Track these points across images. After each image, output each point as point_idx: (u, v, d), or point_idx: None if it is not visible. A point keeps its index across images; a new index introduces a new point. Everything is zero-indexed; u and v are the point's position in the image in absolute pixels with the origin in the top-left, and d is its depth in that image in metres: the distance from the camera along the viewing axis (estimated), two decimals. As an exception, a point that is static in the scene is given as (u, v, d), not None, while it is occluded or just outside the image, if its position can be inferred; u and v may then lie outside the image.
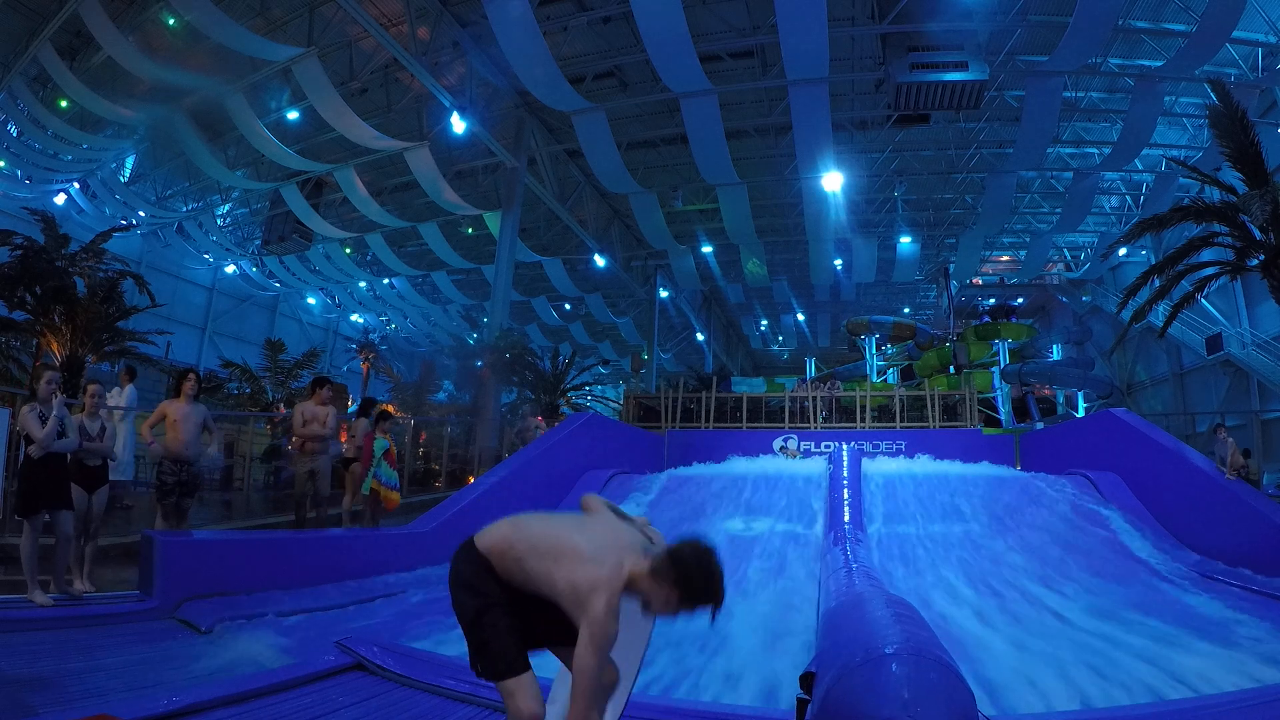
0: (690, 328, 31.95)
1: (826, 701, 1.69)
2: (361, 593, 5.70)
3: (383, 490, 7.79)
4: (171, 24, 14.07)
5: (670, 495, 9.46)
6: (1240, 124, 9.64)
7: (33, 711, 2.85)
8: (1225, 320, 18.78)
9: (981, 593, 6.00)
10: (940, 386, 17.49)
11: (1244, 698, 3.13)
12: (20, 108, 16.84)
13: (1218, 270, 10.54)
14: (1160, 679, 3.77)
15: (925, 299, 31.46)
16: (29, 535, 4.57)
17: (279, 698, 3.10)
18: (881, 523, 8.08)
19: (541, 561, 1.91)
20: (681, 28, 11.58)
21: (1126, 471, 9.04)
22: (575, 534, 1.97)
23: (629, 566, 1.86)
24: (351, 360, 30.82)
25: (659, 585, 1.83)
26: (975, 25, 13.15)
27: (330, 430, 7.42)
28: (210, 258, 26.13)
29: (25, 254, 10.97)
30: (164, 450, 5.82)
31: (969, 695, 1.61)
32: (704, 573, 1.82)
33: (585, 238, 21.14)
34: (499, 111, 16.62)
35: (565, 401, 24.72)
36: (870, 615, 2.18)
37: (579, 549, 1.90)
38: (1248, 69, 13.83)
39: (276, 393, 16.95)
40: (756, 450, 13.72)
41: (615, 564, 1.85)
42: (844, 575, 4.44)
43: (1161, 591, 5.96)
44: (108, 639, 4.05)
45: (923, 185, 20.48)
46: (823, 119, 14.11)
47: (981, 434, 14.55)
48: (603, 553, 1.89)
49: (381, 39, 12.84)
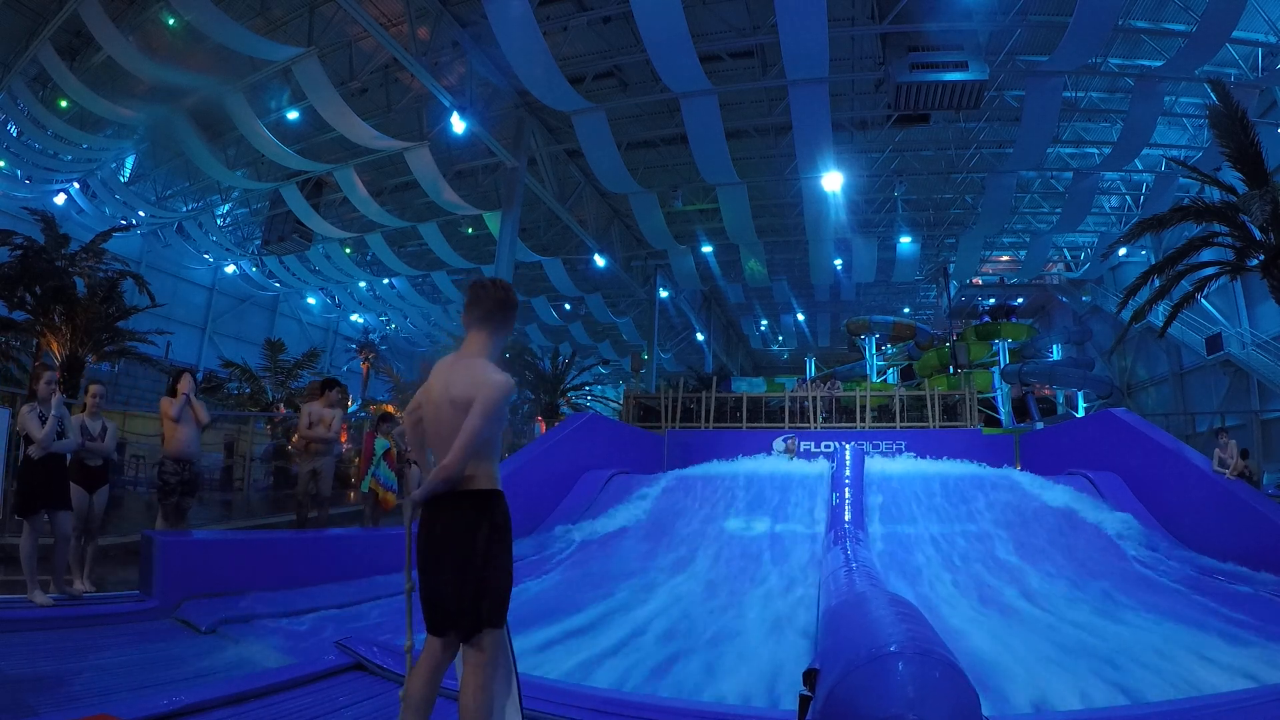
0: (690, 328, 31.94)
1: (831, 698, 1.69)
2: (361, 593, 5.69)
3: (380, 490, 7.80)
4: (171, 24, 14.05)
5: (673, 496, 9.44)
6: (1240, 124, 9.64)
7: (33, 711, 2.85)
8: (1225, 320, 18.79)
9: (977, 590, 6.00)
10: (940, 386, 17.50)
11: (1244, 698, 3.13)
12: (20, 108, 16.82)
13: (1218, 270, 10.55)
14: (1160, 679, 3.77)
15: (925, 299, 31.46)
16: (29, 535, 4.56)
17: (279, 698, 3.10)
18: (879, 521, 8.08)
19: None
20: (681, 28, 11.57)
21: (1126, 471, 9.04)
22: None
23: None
24: (351, 360, 30.87)
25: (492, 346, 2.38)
26: (975, 25, 13.14)
27: (334, 432, 7.42)
28: (210, 258, 26.11)
29: (25, 254, 10.99)
30: (165, 451, 5.81)
31: (973, 693, 1.61)
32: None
33: (585, 238, 21.14)
34: (499, 111, 16.61)
35: (565, 401, 24.76)
36: (874, 614, 2.17)
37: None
38: (1248, 69, 13.83)
39: (276, 393, 16.95)
40: (757, 450, 13.72)
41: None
42: (845, 574, 4.44)
43: (1160, 591, 5.96)
44: (108, 639, 4.05)
45: (923, 185, 20.47)
46: (823, 119, 14.11)
47: (981, 434, 14.56)
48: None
49: (381, 39, 12.83)
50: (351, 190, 18.30)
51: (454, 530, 2.14)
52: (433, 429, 2.29)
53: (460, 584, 2.11)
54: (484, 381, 2.20)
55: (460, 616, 2.12)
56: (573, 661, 4.01)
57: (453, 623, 2.13)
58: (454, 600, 2.12)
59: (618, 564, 7.19)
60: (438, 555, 2.15)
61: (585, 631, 4.68)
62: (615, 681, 3.73)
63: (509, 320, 2.39)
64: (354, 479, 11.66)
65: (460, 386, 2.21)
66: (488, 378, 2.21)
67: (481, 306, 2.35)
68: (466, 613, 2.11)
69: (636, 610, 5.28)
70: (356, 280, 27.54)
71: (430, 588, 2.16)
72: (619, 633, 4.69)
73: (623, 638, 4.58)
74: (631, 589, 6.12)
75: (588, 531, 8.31)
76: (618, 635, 4.63)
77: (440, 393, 2.27)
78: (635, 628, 4.87)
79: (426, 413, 2.35)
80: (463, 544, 2.13)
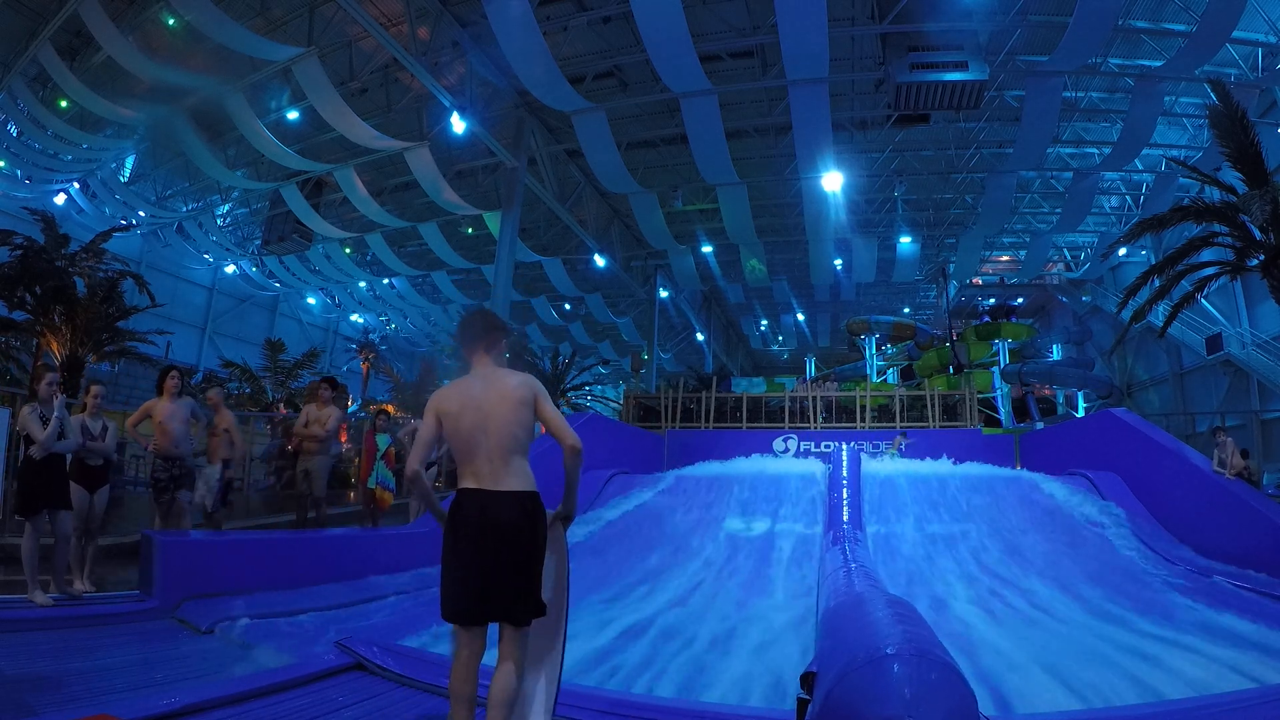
0: (690, 328, 31.94)
1: (828, 701, 1.70)
2: (361, 593, 5.70)
3: (377, 490, 7.82)
4: (171, 24, 14.05)
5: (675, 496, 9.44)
6: (1240, 124, 9.64)
7: (33, 711, 2.85)
8: (1225, 320, 18.78)
9: (977, 589, 6.00)
10: (940, 386, 17.50)
11: (1244, 698, 3.13)
12: (20, 108, 16.83)
13: (1218, 270, 10.56)
14: (1160, 678, 3.78)
15: (925, 299, 31.46)
16: (29, 535, 4.56)
17: (279, 698, 3.10)
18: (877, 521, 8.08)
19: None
20: (681, 28, 11.58)
21: (1126, 471, 9.04)
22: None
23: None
24: (351, 360, 30.87)
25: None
26: (975, 25, 13.14)
27: (329, 432, 7.42)
28: (210, 258, 26.12)
29: (25, 254, 10.99)
30: (155, 449, 5.81)
31: (971, 695, 1.61)
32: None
33: (585, 238, 21.14)
34: (499, 111, 16.61)
35: (565, 401, 24.74)
36: (871, 615, 2.18)
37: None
38: (1248, 69, 13.83)
39: (276, 393, 16.96)
40: (757, 450, 13.72)
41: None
42: (843, 575, 4.44)
43: (1159, 591, 5.96)
44: (108, 639, 4.05)
45: (923, 185, 20.47)
46: (823, 119, 14.11)
47: (981, 434, 14.56)
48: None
49: (381, 39, 12.83)
50: (351, 190, 18.30)
51: (517, 523, 2.30)
52: (473, 430, 2.39)
53: (521, 574, 2.28)
54: (532, 380, 2.50)
55: (517, 605, 2.27)
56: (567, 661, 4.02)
57: (505, 612, 2.28)
58: (512, 590, 2.27)
59: (616, 564, 7.19)
60: (496, 547, 2.27)
61: (573, 637, 4.71)
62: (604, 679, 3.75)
63: (500, 342, 2.64)
64: (354, 479, 11.67)
65: (512, 386, 2.44)
66: (530, 377, 2.51)
67: (473, 329, 2.61)
68: (523, 602, 2.28)
69: (628, 618, 5.27)
70: (356, 280, 27.54)
71: (482, 578, 2.27)
72: (611, 633, 4.73)
73: (615, 638, 4.61)
74: (629, 590, 6.12)
75: (584, 534, 8.29)
76: (610, 635, 4.67)
77: (484, 395, 2.43)
78: (633, 627, 4.89)
79: (465, 420, 2.40)
80: (525, 536, 2.30)
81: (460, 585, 2.30)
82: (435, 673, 3.33)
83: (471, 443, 2.38)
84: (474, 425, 2.38)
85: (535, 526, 2.34)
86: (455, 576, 2.32)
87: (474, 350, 2.57)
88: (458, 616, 2.31)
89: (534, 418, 2.47)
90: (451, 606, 2.31)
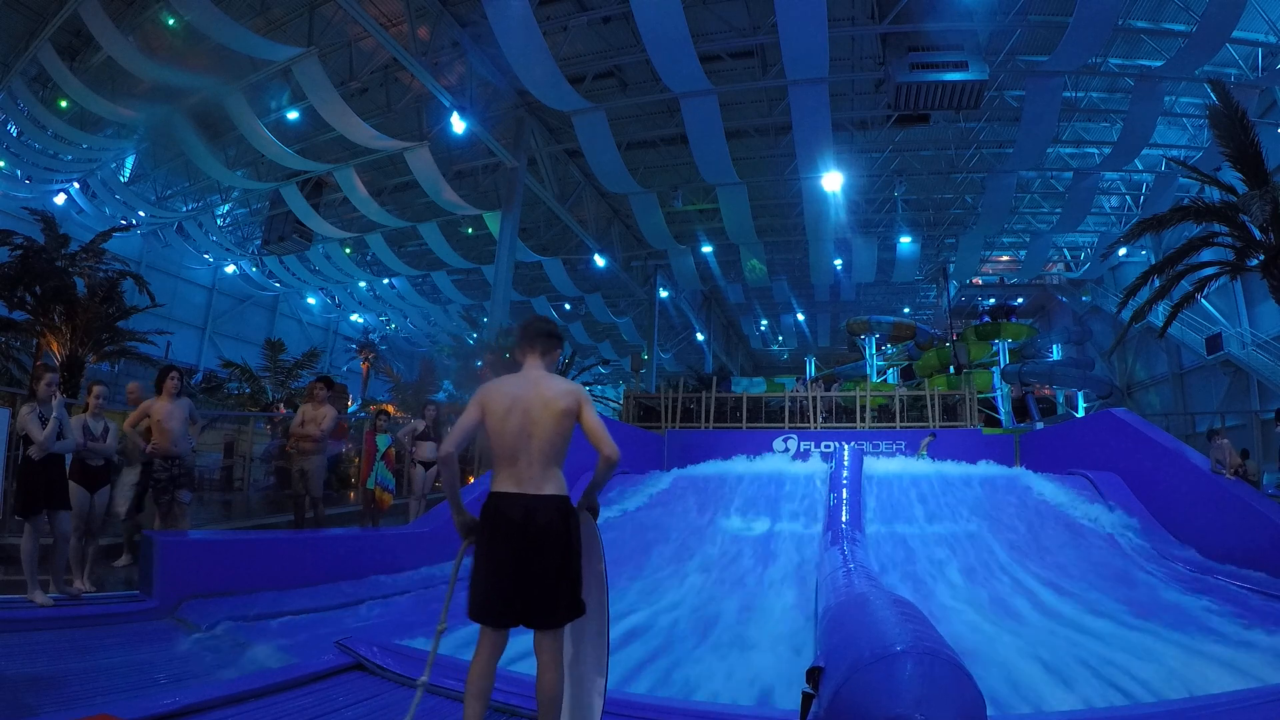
0: (690, 328, 31.94)
1: (837, 697, 1.69)
2: (361, 593, 5.68)
3: (377, 490, 7.81)
4: (171, 24, 14.06)
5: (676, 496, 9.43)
6: (1240, 124, 9.64)
7: (33, 711, 2.85)
8: (1225, 320, 18.79)
9: (978, 588, 6.00)
10: (940, 386, 17.49)
11: (1244, 698, 3.12)
12: (20, 108, 16.83)
13: (1217, 270, 10.55)
14: (1160, 678, 3.77)
15: (925, 299, 31.47)
16: (29, 535, 4.55)
17: (279, 698, 3.09)
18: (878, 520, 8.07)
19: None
20: (681, 28, 11.58)
21: (1126, 471, 9.03)
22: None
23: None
24: (351, 360, 30.83)
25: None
26: (975, 25, 13.15)
27: (324, 431, 7.40)
28: (210, 258, 26.11)
29: (25, 254, 10.97)
30: (154, 449, 5.78)
31: (978, 694, 1.61)
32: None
33: (585, 238, 21.14)
34: (499, 111, 16.62)
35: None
36: (877, 614, 2.17)
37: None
38: (1248, 69, 13.84)
39: (276, 393, 16.93)
40: (756, 450, 13.70)
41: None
42: (843, 575, 4.43)
43: (1159, 590, 5.95)
44: (108, 639, 4.04)
45: (923, 185, 20.48)
46: (823, 119, 14.11)
47: (981, 434, 14.56)
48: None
49: (381, 39, 12.83)
50: (351, 190, 18.30)
51: (557, 528, 2.35)
52: (518, 435, 2.43)
53: (563, 577, 2.33)
54: (577, 389, 2.56)
55: (555, 607, 2.32)
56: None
57: (539, 616, 2.31)
58: (553, 594, 2.31)
59: (616, 564, 7.18)
60: (534, 553, 2.31)
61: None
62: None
63: (555, 350, 2.71)
64: (354, 479, 11.65)
65: (558, 394, 2.48)
66: (576, 386, 2.60)
67: (533, 332, 2.67)
68: (563, 603, 2.33)
69: (629, 618, 5.27)
70: (356, 280, 27.55)
71: (515, 581, 2.29)
72: (611, 633, 4.72)
73: (615, 638, 4.60)
74: (624, 592, 6.12)
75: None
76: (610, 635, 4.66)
77: (532, 400, 2.46)
78: (633, 627, 4.88)
79: (511, 422, 2.44)
80: (564, 540, 2.35)
81: (493, 587, 2.31)
82: (435, 673, 3.32)
83: (516, 446, 2.41)
84: (519, 429, 2.42)
85: (571, 530, 2.40)
86: (488, 578, 2.33)
87: (528, 352, 2.64)
88: (486, 617, 2.32)
89: (573, 426, 2.51)
90: (481, 607, 2.32)
